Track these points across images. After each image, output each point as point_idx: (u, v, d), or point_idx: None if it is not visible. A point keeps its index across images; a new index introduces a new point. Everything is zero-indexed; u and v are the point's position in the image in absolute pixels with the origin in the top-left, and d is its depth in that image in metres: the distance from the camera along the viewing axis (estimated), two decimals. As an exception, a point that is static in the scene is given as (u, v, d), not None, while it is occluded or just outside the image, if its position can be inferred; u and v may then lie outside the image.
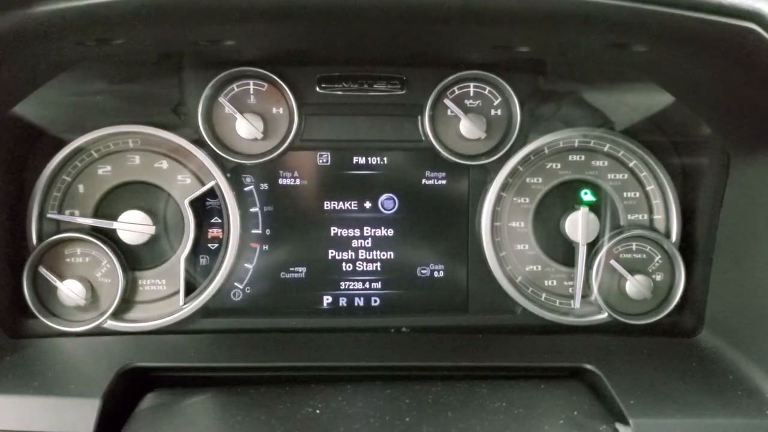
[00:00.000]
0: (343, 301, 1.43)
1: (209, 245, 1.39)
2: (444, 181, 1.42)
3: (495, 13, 0.77)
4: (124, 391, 1.11)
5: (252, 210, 1.40)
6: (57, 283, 1.31)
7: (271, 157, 1.35)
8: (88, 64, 1.13)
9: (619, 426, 1.01)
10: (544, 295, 1.42)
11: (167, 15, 0.63)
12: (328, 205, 1.41)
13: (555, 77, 1.38)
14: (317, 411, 0.95)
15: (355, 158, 1.41)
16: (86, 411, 1.02)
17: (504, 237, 1.40)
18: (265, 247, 1.41)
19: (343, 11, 0.79)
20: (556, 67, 1.36)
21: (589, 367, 1.18)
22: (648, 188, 1.40)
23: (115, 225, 1.33)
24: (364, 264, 1.43)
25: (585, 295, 1.39)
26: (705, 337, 1.33)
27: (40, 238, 1.32)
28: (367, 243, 1.42)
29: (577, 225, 1.35)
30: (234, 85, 1.34)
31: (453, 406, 0.98)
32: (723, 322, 1.29)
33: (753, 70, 0.95)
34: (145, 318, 1.36)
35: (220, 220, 1.38)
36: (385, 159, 1.41)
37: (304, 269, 1.42)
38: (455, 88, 1.37)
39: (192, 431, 1.01)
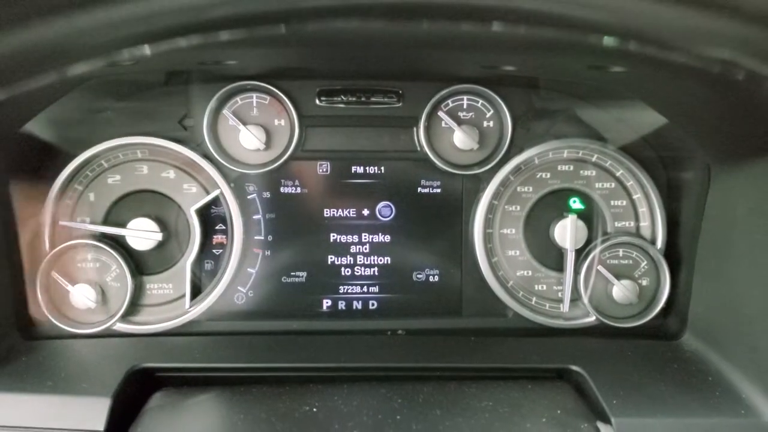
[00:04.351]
0: (341, 305, 1.49)
1: (214, 251, 1.45)
2: (438, 190, 1.47)
3: (471, 41, 0.83)
4: (133, 390, 1.17)
5: (255, 217, 1.45)
6: (69, 287, 1.37)
7: (273, 166, 1.41)
8: (99, 81, 1.20)
9: (600, 425, 1.06)
10: (534, 299, 1.47)
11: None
12: (327, 213, 1.47)
13: (548, 93, 1.44)
14: (314, 409, 1.01)
15: (353, 167, 1.46)
16: (98, 409, 1.08)
17: (496, 243, 1.46)
18: (267, 253, 1.46)
19: (325, 38, 0.85)
20: (549, 83, 1.41)
21: (574, 368, 1.23)
22: (634, 197, 1.45)
23: (124, 232, 1.38)
24: (362, 269, 1.48)
25: (573, 299, 1.44)
26: (688, 340, 1.38)
27: (53, 245, 1.38)
28: (365, 249, 1.48)
29: (566, 232, 1.41)
30: (238, 98, 1.40)
31: (442, 405, 1.04)
32: (704, 326, 1.34)
33: (733, 94, 0.99)
34: (153, 320, 1.42)
35: (224, 227, 1.44)
36: (382, 168, 1.46)
37: (304, 274, 1.48)
38: (449, 101, 1.43)
39: (197, 428, 1.06)
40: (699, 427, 1.08)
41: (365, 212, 1.47)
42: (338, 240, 1.47)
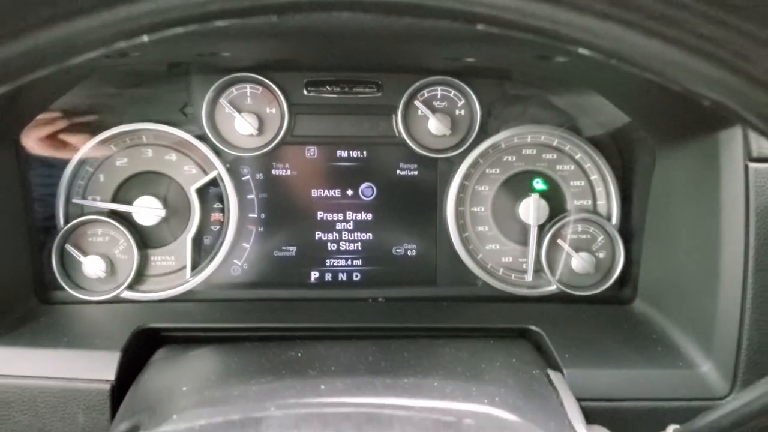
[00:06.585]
0: (328, 276, 1.62)
1: (212, 227, 1.58)
2: (416, 172, 1.60)
3: (432, 35, 0.98)
4: (139, 346, 1.29)
5: (249, 197, 1.58)
6: (81, 258, 1.50)
7: (265, 150, 1.54)
8: (107, 72, 1.34)
9: (550, 371, 1.20)
10: (501, 270, 1.60)
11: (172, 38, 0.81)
12: (315, 193, 1.60)
13: (520, 83, 1.57)
14: (299, 354, 1.15)
15: (338, 152, 1.59)
16: (108, 361, 1.20)
17: (467, 220, 1.59)
18: (261, 229, 1.59)
19: (312, 33, 0.99)
20: (520, 74, 1.55)
21: (533, 328, 1.35)
22: (592, 178, 1.58)
23: (131, 209, 1.51)
24: (347, 244, 1.61)
25: (537, 270, 1.58)
26: (638, 305, 1.51)
27: (66, 220, 1.51)
28: (349, 226, 1.61)
29: (530, 209, 1.54)
30: (233, 89, 1.54)
31: (410, 351, 1.18)
32: (652, 292, 1.48)
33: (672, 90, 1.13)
34: (157, 289, 1.54)
35: (221, 206, 1.57)
36: (364, 152, 1.59)
37: (294, 248, 1.60)
38: (424, 91, 1.56)
39: (195, 375, 1.20)
40: (641, 376, 1.21)
41: (349, 192, 1.60)
42: (325, 218, 1.61)
